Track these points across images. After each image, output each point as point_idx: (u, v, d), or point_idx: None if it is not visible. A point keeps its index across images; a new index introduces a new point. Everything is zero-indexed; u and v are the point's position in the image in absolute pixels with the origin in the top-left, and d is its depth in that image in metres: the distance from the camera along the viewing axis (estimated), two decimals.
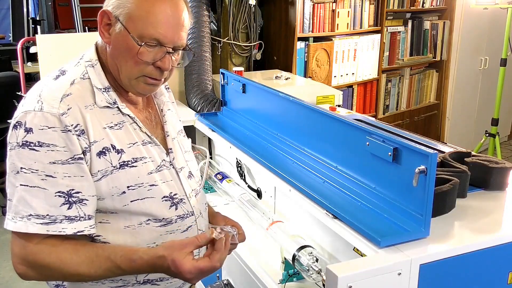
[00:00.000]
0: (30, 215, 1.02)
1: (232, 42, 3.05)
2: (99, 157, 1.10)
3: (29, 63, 4.74)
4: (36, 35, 3.09)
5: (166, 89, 1.42)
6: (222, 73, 2.18)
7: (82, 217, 1.07)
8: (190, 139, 1.43)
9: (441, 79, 4.60)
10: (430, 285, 1.09)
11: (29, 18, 5.70)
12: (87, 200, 1.08)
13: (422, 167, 1.09)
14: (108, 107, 1.15)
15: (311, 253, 1.41)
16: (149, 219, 1.15)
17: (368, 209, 1.26)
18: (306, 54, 3.37)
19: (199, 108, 2.67)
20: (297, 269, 1.44)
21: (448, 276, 1.11)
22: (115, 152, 1.13)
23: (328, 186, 1.42)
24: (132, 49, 1.11)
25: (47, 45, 2.60)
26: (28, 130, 1.04)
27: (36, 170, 1.03)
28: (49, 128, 1.05)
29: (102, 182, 1.11)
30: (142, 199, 1.14)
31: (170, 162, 1.23)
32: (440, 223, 1.20)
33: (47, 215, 1.03)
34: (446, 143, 1.76)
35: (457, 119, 4.81)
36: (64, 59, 1.26)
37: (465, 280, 1.14)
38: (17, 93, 3.51)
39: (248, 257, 1.59)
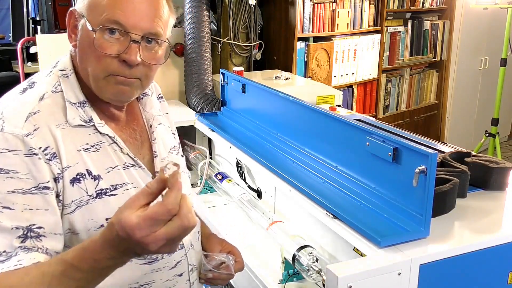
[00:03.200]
0: None
1: (232, 42, 3.05)
2: (73, 185, 0.95)
3: (29, 63, 4.74)
4: (36, 35, 3.09)
5: (159, 98, 1.25)
6: (222, 73, 2.18)
7: (40, 248, 0.88)
8: (184, 157, 1.26)
9: (441, 79, 4.60)
10: (430, 285, 1.09)
11: (29, 18, 5.71)
12: (46, 237, 0.90)
13: (422, 167, 1.09)
14: (82, 125, 0.99)
15: (311, 253, 1.41)
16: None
17: (368, 209, 1.26)
18: (306, 54, 3.37)
19: (199, 108, 2.67)
20: (297, 269, 1.44)
21: (448, 276, 1.11)
22: (91, 178, 0.97)
23: (328, 186, 1.42)
24: (93, 42, 0.95)
25: (47, 45, 2.60)
26: None
27: None
28: (9, 151, 0.89)
29: (76, 214, 0.95)
30: None
31: None
32: (440, 223, 1.20)
33: (4, 251, 0.85)
34: (446, 143, 1.76)
35: (457, 119, 4.81)
36: None
37: (465, 280, 1.13)
38: None
39: (248, 257, 1.59)
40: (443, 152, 1.48)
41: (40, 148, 0.91)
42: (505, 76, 4.13)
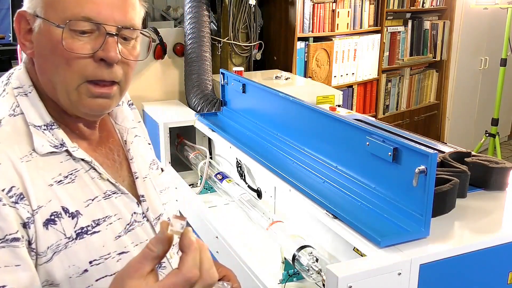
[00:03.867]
0: None
1: (232, 42, 3.05)
2: (47, 228, 0.79)
3: None
4: None
5: (129, 105, 1.07)
6: (222, 73, 2.18)
7: None
8: (164, 171, 1.13)
9: (441, 79, 4.60)
10: (430, 285, 1.09)
11: None
12: None
13: (422, 167, 1.09)
14: (53, 152, 0.83)
15: (311, 253, 1.41)
16: None
17: (368, 209, 1.26)
18: (306, 54, 3.37)
19: (199, 108, 2.67)
20: (297, 269, 1.44)
21: (448, 276, 1.11)
22: (69, 216, 0.81)
23: (328, 186, 1.42)
24: (58, 44, 0.79)
25: None
26: None
27: None
28: None
29: (54, 261, 0.80)
30: (111, 275, 0.84)
31: (143, 213, 0.92)
32: (440, 223, 1.20)
33: None
34: (446, 143, 1.76)
35: (457, 119, 4.81)
36: None
37: (465, 280, 1.13)
38: None
39: (248, 257, 1.59)
40: (443, 152, 1.48)
41: (3, 190, 0.75)
42: (505, 76, 4.13)
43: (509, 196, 1.38)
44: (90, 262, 0.83)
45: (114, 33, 0.82)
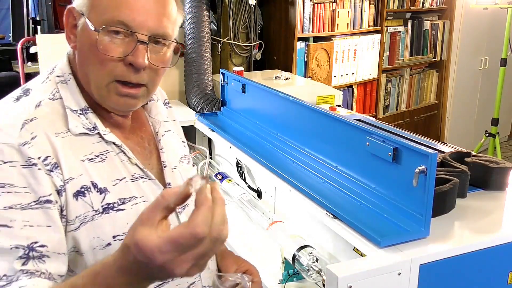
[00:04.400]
0: None
1: (232, 42, 3.05)
2: (77, 199, 0.86)
3: (29, 63, 4.74)
4: (36, 35, 3.09)
5: (165, 104, 1.16)
6: (222, 73, 2.18)
7: (43, 273, 0.79)
8: (195, 166, 1.17)
9: (441, 79, 4.60)
10: (430, 285, 1.09)
11: (29, 18, 5.70)
12: (50, 257, 0.80)
13: (422, 167, 1.09)
14: (86, 133, 0.90)
15: (311, 253, 1.41)
16: None
17: (368, 209, 1.26)
18: (306, 54, 3.37)
19: (199, 108, 2.67)
20: (297, 269, 1.44)
21: (448, 276, 1.11)
22: (97, 191, 0.88)
23: (328, 186, 1.42)
24: (94, 45, 0.86)
25: (47, 45, 2.60)
26: None
27: None
28: (4, 163, 0.80)
29: (81, 231, 0.86)
30: None
31: None
32: (440, 223, 1.20)
33: (4, 275, 0.76)
34: (446, 143, 1.76)
35: (457, 119, 4.81)
36: None
37: (465, 280, 1.13)
38: None
39: (248, 257, 1.59)
40: (443, 152, 1.48)
41: (39, 158, 0.82)
42: (505, 76, 4.12)
43: (509, 196, 1.38)
44: (114, 237, 0.88)
45: (145, 41, 0.87)
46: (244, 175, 2.06)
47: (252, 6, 3.04)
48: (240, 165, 2.07)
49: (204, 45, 2.84)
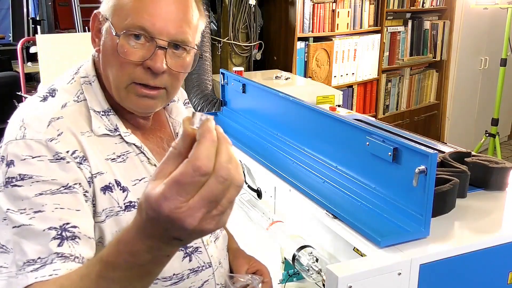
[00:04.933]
0: (24, 263, 0.78)
1: (232, 42, 3.05)
2: (104, 193, 0.90)
3: (29, 63, 4.74)
4: (36, 35, 3.09)
5: (185, 104, 1.19)
6: (222, 73, 2.18)
7: (77, 257, 0.80)
8: None
9: (441, 79, 4.60)
10: (430, 285, 1.09)
11: (29, 18, 5.70)
12: (81, 240, 0.82)
13: (422, 167, 1.09)
14: (108, 135, 0.94)
15: (311, 253, 1.41)
16: (157, 278, 0.76)
17: (368, 209, 1.26)
18: (306, 54, 3.37)
19: (199, 108, 2.67)
20: (297, 269, 1.44)
21: (448, 276, 1.11)
22: (120, 189, 0.92)
23: (328, 186, 1.42)
24: (115, 49, 0.90)
25: (47, 45, 2.60)
26: (9, 164, 0.83)
27: (24, 210, 0.80)
28: (33, 158, 0.83)
29: (107, 224, 0.90)
30: None
31: None
32: (440, 223, 1.20)
33: (39, 258, 0.78)
34: (446, 143, 1.76)
35: (457, 119, 4.81)
36: (64, 59, 1.23)
37: (465, 280, 1.13)
38: (17, 93, 3.52)
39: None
40: (443, 152, 1.48)
41: (67, 152, 0.86)
42: (505, 76, 4.12)
43: (509, 196, 1.38)
44: None
45: (164, 47, 0.90)
46: (244, 175, 2.06)
47: (252, 6, 3.04)
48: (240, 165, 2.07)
49: (204, 45, 2.84)
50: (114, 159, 0.93)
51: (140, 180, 0.95)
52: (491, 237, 1.16)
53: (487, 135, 4.18)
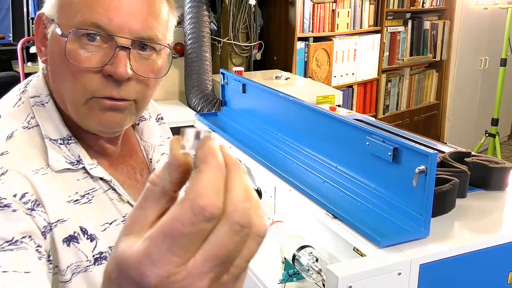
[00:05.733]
0: None
1: (232, 42, 3.05)
2: (68, 245, 0.71)
3: (29, 63, 4.74)
4: None
5: (158, 120, 0.99)
6: (222, 73, 2.18)
7: None
8: None
9: (441, 79, 4.60)
10: (430, 285, 1.09)
11: (29, 18, 5.70)
12: None
13: (422, 167, 1.09)
14: (69, 169, 0.75)
15: (311, 253, 1.41)
16: None
17: (368, 209, 1.26)
18: (306, 54, 3.37)
19: (199, 108, 2.67)
20: (297, 269, 1.44)
21: (448, 276, 1.11)
22: (87, 239, 0.73)
23: (328, 186, 1.42)
24: (64, 52, 0.71)
25: None
26: None
27: None
28: None
29: (73, 283, 0.72)
30: None
31: None
32: (440, 223, 1.20)
33: None
34: (446, 143, 1.76)
35: (457, 119, 4.81)
36: None
37: (465, 280, 1.13)
38: None
39: None
40: (443, 152, 1.48)
41: (14, 196, 0.67)
42: (505, 76, 4.12)
43: (509, 196, 1.38)
44: None
45: (127, 46, 0.71)
46: None
47: (252, 6, 3.04)
48: None
49: (204, 45, 2.84)
50: (77, 200, 0.74)
51: (110, 224, 0.77)
52: (491, 237, 1.16)
53: (487, 135, 4.18)
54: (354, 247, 1.35)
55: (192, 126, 2.29)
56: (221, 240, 0.34)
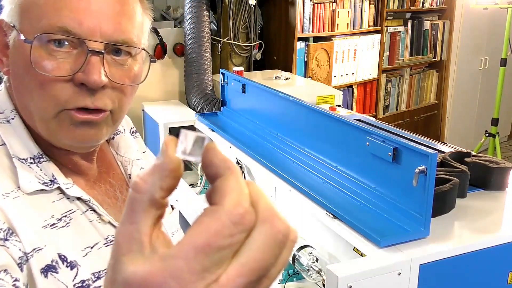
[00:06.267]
0: None
1: (232, 42, 3.05)
2: (46, 276, 0.64)
3: None
4: None
5: (132, 134, 0.92)
6: (222, 73, 2.18)
7: None
8: (175, 209, 0.93)
9: (441, 79, 4.60)
10: (430, 285, 1.09)
11: None
12: None
13: (422, 167, 1.09)
14: (42, 190, 0.68)
15: (311, 253, 1.41)
16: None
17: (368, 209, 1.26)
18: (306, 54, 3.37)
19: (199, 108, 2.67)
20: (297, 269, 1.44)
21: (448, 276, 1.11)
22: (67, 266, 0.66)
23: (328, 186, 1.42)
24: (29, 60, 0.64)
25: None
26: None
27: None
28: None
29: None
30: None
31: None
32: (440, 223, 1.20)
33: None
34: (446, 143, 1.76)
35: (457, 119, 4.81)
36: None
37: (465, 280, 1.13)
38: None
39: None
40: (443, 152, 1.48)
41: None
42: (505, 76, 4.12)
43: (509, 196, 1.38)
44: None
45: (99, 51, 0.65)
46: (244, 175, 2.06)
47: (252, 6, 3.04)
48: (240, 165, 2.07)
49: (204, 45, 2.84)
50: (54, 224, 0.67)
51: (92, 248, 0.69)
52: (491, 237, 1.16)
53: (487, 135, 4.18)
54: (354, 247, 1.35)
55: (192, 126, 2.29)
56: (258, 251, 0.31)
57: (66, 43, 0.65)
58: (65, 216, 0.69)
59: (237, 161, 2.07)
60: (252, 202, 0.33)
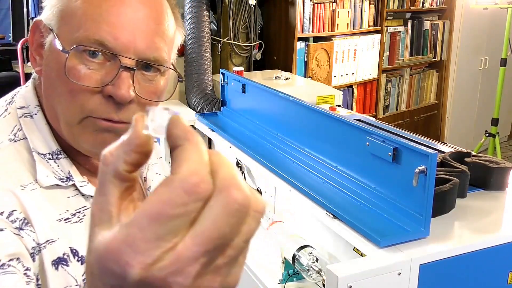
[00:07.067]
0: None
1: (232, 42, 3.05)
2: (57, 269, 0.66)
3: (29, 63, 4.74)
4: None
5: None
6: (222, 73, 2.18)
7: None
8: None
9: (441, 79, 4.60)
10: (430, 285, 1.09)
11: (29, 18, 5.70)
12: None
13: (422, 167, 1.09)
14: (58, 186, 0.71)
15: (311, 253, 1.41)
16: None
17: (368, 209, 1.26)
18: (306, 54, 3.37)
19: (199, 108, 2.67)
20: (297, 269, 1.44)
21: (448, 276, 1.11)
22: (78, 261, 0.68)
23: (328, 186, 1.42)
24: (63, 68, 0.66)
25: None
26: None
27: None
28: None
29: None
30: None
31: None
32: (440, 223, 1.20)
33: None
34: (446, 143, 1.76)
35: (457, 119, 4.81)
36: None
37: (465, 280, 1.13)
38: None
39: (248, 257, 1.59)
40: (443, 152, 1.48)
41: (1, 214, 0.62)
42: (505, 76, 4.12)
43: (509, 196, 1.38)
44: None
45: (131, 67, 0.67)
46: (244, 175, 2.06)
47: (252, 6, 3.04)
48: (240, 165, 2.07)
49: (204, 45, 2.84)
50: (68, 219, 0.70)
51: None
52: (491, 237, 1.16)
53: (487, 135, 4.18)
54: (354, 247, 1.35)
55: (192, 126, 2.29)
56: (215, 220, 0.31)
57: (100, 55, 0.67)
58: (79, 212, 0.72)
59: (237, 161, 2.07)
60: (212, 172, 0.32)
